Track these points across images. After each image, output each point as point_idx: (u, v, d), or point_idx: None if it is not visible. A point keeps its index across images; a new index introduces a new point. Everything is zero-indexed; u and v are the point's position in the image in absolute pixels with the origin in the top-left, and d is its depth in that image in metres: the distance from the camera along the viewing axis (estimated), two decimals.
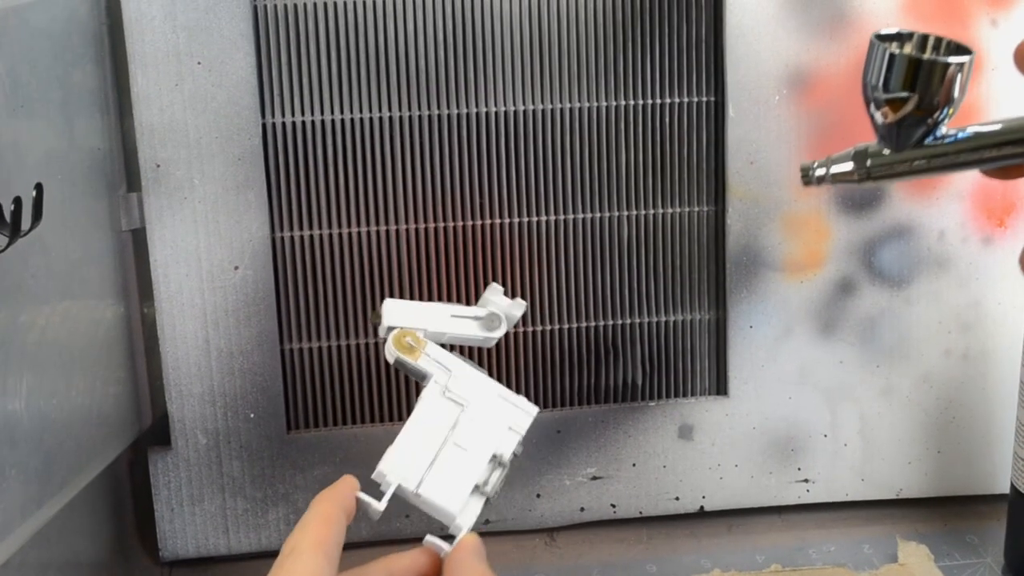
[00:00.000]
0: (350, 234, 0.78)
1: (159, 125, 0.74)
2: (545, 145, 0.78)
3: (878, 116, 0.45)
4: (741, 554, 0.81)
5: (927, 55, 0.45)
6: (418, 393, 0.61)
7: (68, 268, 0.68)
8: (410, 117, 0.77)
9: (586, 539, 0.83)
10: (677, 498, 0.83)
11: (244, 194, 0.75)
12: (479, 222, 0.79)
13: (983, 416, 0.84)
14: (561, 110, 0.78)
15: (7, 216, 0.55)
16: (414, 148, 0.77)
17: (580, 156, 0.79)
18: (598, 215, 0.80)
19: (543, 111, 0.78)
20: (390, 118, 0.77)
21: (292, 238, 0.77)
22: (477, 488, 0.59)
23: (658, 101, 0.79)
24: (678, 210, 0.80)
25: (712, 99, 0.79)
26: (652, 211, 0.80)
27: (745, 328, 0.81)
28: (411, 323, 0.62)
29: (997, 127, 0.46)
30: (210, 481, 0.79)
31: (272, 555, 0.63)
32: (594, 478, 0.82)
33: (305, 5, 0.75)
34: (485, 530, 0.57)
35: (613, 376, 0.82)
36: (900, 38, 0.45)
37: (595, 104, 0.78)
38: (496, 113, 0.77)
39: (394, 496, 0.58)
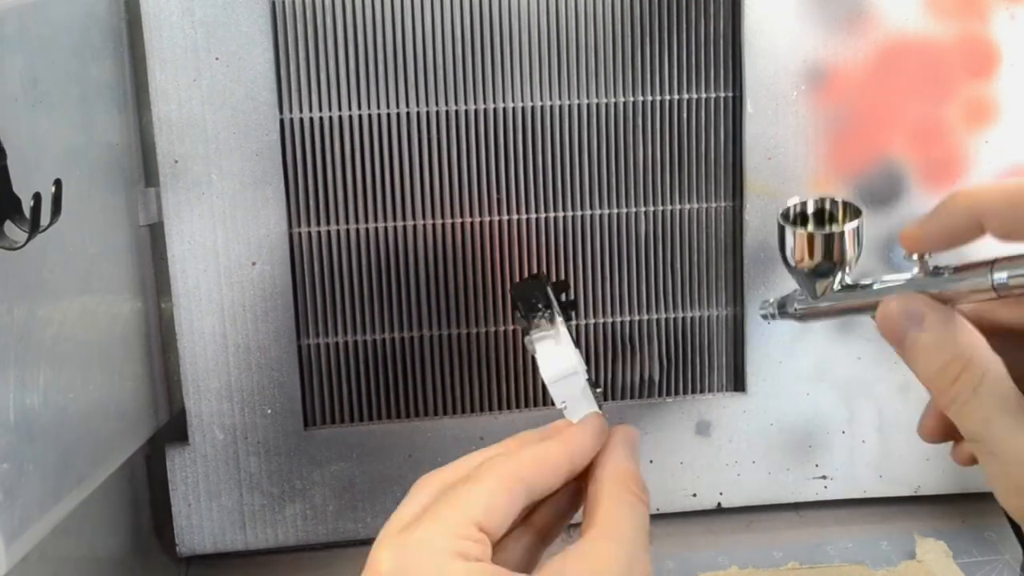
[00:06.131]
0: (367, 230, 0.78)
1: (177, 120, 0.74)
2: (562, 141, 0.78)
3: (793, 271, 0.55)
4: (759, 551, 0.81)
5: (825, 225, 0.54)
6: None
7: (86, 263, 0.68)
8: (427, 113, 0.77)
9: None
10: (694, 495, 0.83)
11: (261, 189, 0.76)
12: (495, 218, 0.79)
13: None
14: (578, 106, 0.78)
15: (27, 212, 0.55)
16: (430, 144, 0.77)
17: (597, 152, 0.78)
18: (615, 211, 0.79)
19: (560, 107, 0.78)
20: (407, 114, 0.77)
21: (309, 234, 0.78)
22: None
23: (675, 97, 0.78)
24: (695, 206, 0.80)
25: (730, 94, 0.79)
26: (669, 207, 0.80)
27: (763, 324, 0.81)
28: None
29: (898, 281, 0.52)
30: (227, 477, 0.79)
31: (289, 551, 0.62)
32: None
33: (323, 1, 0.75)
34: None
35: (630, 372, 0.82)
36: (804, 205, 0.55)
37: (612, 100, 0.78)
38: (512, 109, 0.77)
39: None
